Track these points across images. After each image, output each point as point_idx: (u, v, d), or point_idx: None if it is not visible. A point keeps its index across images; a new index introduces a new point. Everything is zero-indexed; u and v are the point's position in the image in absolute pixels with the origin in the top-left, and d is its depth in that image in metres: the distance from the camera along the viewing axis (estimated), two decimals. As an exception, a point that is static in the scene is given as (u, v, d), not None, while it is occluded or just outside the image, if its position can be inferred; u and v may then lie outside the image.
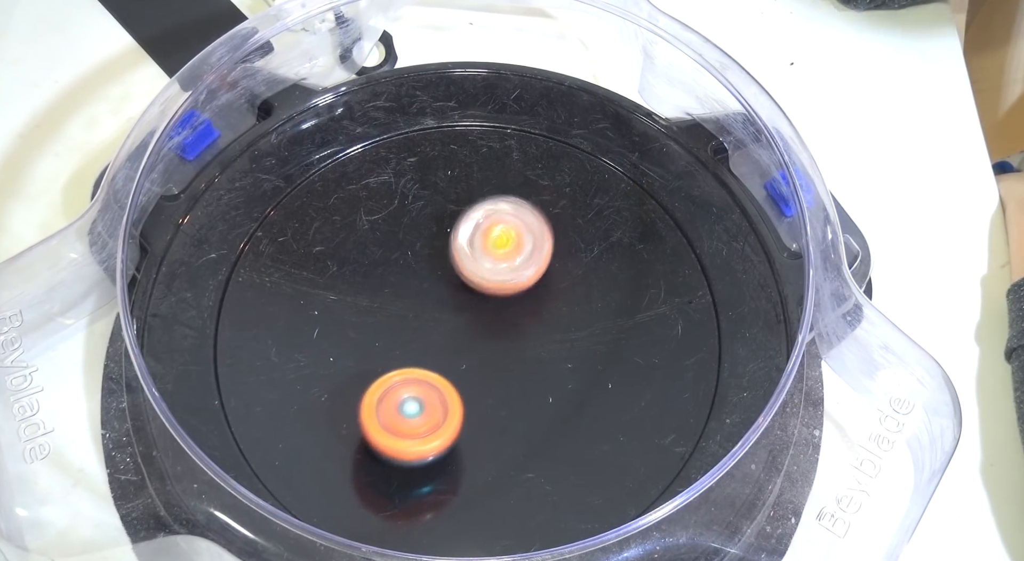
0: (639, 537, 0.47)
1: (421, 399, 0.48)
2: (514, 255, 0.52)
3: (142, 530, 0.48)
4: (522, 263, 0.52)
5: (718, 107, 0.58)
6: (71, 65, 0.65)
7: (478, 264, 0.52)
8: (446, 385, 0.48)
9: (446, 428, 0.47)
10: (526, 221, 0.53)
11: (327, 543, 0.43)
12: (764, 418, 0.46)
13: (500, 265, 0.52)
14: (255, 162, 0.58)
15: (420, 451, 0.47)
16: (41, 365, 0.50)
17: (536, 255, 0.53)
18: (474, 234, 0.53)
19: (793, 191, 0.52)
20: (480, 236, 0.53)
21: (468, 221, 0.53)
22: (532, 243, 0.53)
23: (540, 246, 0.53)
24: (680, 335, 0.53)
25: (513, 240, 0.53)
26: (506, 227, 0.53)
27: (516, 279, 0.52)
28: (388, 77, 0.62)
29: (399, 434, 0.47)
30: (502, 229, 0.53)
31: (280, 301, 0.54)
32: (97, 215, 0.52)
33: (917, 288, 0.60)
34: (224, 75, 0.56)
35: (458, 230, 0.53)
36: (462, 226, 0.53)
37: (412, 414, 0.47)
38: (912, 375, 0.50)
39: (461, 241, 0.53)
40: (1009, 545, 0.53)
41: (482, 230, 0.53)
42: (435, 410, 0.48)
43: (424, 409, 0.48)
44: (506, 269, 0.52)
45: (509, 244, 0.53)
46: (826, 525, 0.48)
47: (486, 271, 0.52)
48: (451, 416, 0.47)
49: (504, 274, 0.52)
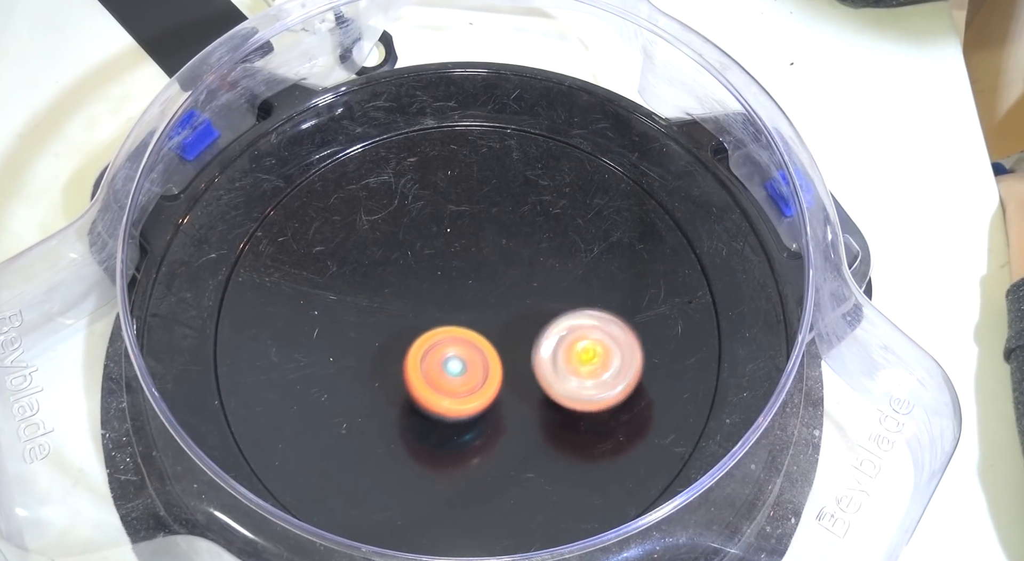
0: (639, 537, 0.47)
1: (464, 359, 0.50)
2: (601, 371, 0.50)
3: (142, 530, 0.48)
4: (612, 378, 0.50)
5: (718, 107, 0.58)
6: (71, 65, 0.65)
7: (563, 382, 0.50)
8: (489, 347, 0.50)
9: (486, 389, 0.49)
10: (612, 335, 0.50)
11: (327, 543, 0.43)
12: (764, 418, 0.46)
13: (586, 382, 0.50)
14: (255, 162, 0.58)
15: (460, 409, 0.49)
16: (41, 365, 0.50)
17: (625, 371, 0.50)
18: (557, 349, 0.50)
19: (793, 191, 0.52)
20: (564, 351, 0.50)
21: (552, 335, 0.51)
22: (620, 359, 0.50)
23: (630, 362, 0.50)
24: (680, 335, 0.53)
25: (600, 356, 0.50)
26: (591, 343, 0.50)
27: (604, 396, 0.50)
28: (388, 77, 0.62)
29: (441, 391, 0.49)
30: (587, 345, 0.50)
31: (280, 301, 0.54)
32: (97, 215, 0.52)
33: (917, 288, 0.60)
34: (224, 75, 0.56)
35: (541, 345, 0.50)
36: (544, 341, 0.50)
37: (455, 373, 0.50)
38: (912, 375, 0.50)
39: (544, 356, 0.50)
40: (1009, 545, 0.53)
41: (566, 345, 0.50)
42: (476, 371, 0.50)
43: (467, 369, 0.50)
44: (593, 386, 0.50)
45: (596, 360, 0.50)
46: (826, 525, 0.48)
47: (572, 389, 0.50)
48: (491, 378, 0.50)
49: (591, 390, 0.50)
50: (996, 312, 0.59)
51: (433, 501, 0.49)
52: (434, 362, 0.50)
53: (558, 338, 0.50)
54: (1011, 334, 0.56)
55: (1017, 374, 0.55)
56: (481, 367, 0.50)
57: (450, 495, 0.49)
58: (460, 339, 0.50)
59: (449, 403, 0.49)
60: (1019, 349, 0.55)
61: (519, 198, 0.58)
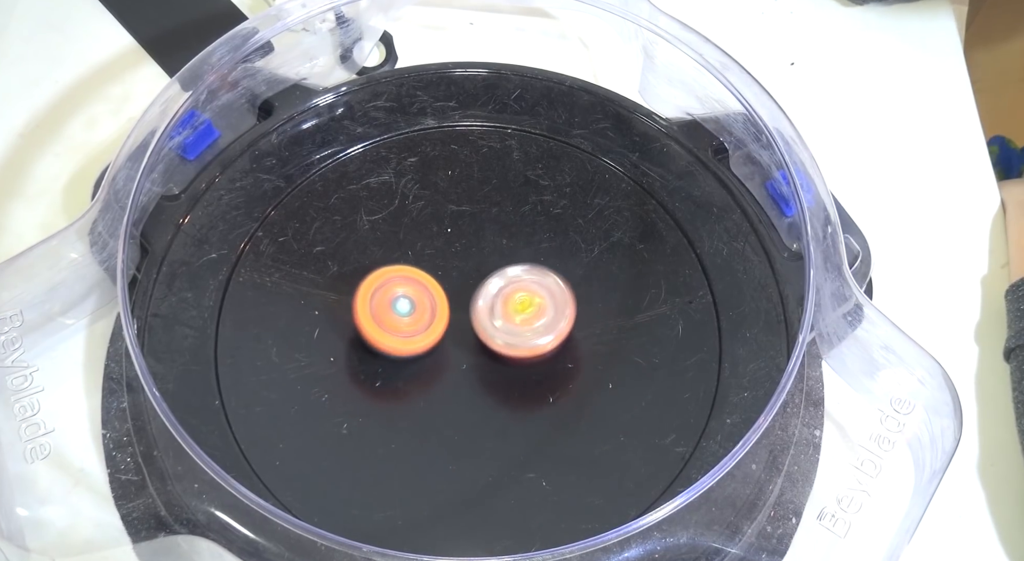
0: (639, 537, 0.47)
1: (412, 299, 0.52)
2: (534, 320, 0.51)
3: (143, 530, 0.48)
4: (543, 328, 0.51)
5: (718, 107, 0.58)
6: (71, 65, 0.65)
7: (497, 328, 0.51)
8: (435, 285, 0.52)
9: (433, 329, 0.52)
10: (548, 288, 0.52)
11: (328, 543, 0.43)
12: (765, 418, 0.46)
13: (520, 329, 0.51)
14: (255, 162, 0.58)
15: (408, 349, 0.51)
16: (42, 365, 0.50)
17: (557, 320, 0.51)
18: (495, 300, 0.52)
19: (793, 191, 0.52)
20: (501, 302, 0.52)
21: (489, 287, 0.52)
22: (554, 310, 0.52)
23: (562, 313, 0.51)
24: (680, 335, 0.53)
25: (535, 306, 0.52)
26: (528, 294, 0.52)
27: (536, 343, 0.51)
28: (388, 77, 0.62)
29: (389, 330, 0.51)
30: (523, 296, 0.52)
31: (280, 301, 0.54)
32: (97, 215, 0.52)
33: (917, 288, 0.60)
34: (224, 75, 0.56)
35: (478, 296, 0.52)
36: (482, 292, 0.52)
37: (403, 312, 0.52)
38: (913, 375, 0.50)
39: (482, 305, 0.52)
40: (1009, 545, 0.53)
41: (503, 296, 0.52)
42: (424, 311, 0.52)
43: (414, 309, 0.52)
44: (526, 332, 0.51)
45: (530, 309, 0.51)
46: (827, 525, 0.48)
47: (506, 335, 0.51)
48: (438, 318, 0.52)
49: (524, 337, 0.51)
50: (996, 312, 0.59)
51: (433, 501, 0.49)
52: (383, 301, 0.51)
53: (497, 289, 0.52)
54: (1010, 334, 0.56)
55: (1016, 374, 0.55)
56: (429, 308, 0.52)
57: (450, 495, 0.49)
58: (410, 279, 0.52)
59: (395, 342, 0.51)
60: (1018, 349, 0.55)
61: (520, 198, 0.58)
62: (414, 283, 0.52)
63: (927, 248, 0.62)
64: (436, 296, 0.52)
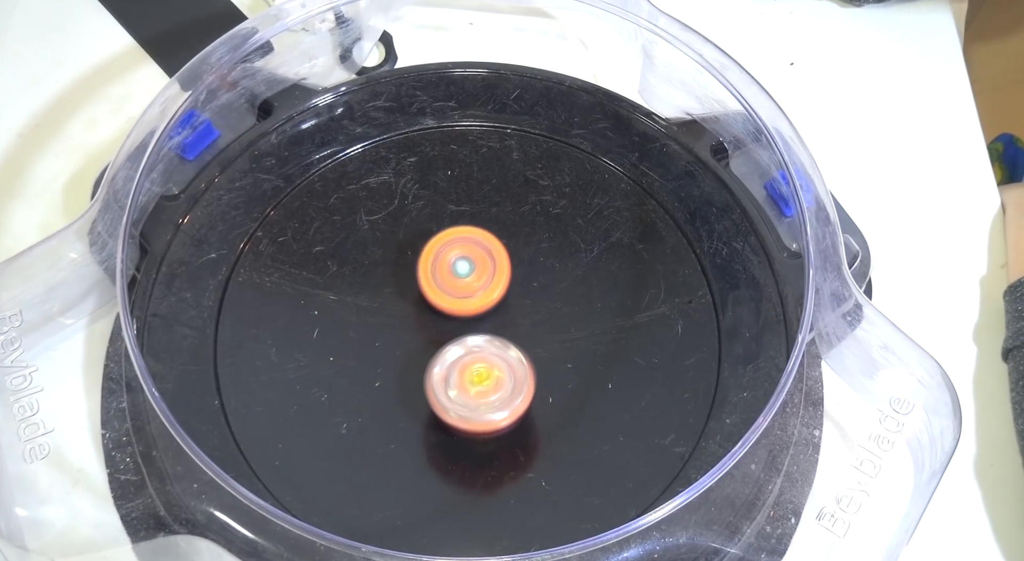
0: (639, 537, 0.47)
1: (471, 258, 0.52)
2: (490, 393, 0.49)
3: (142, 530, 0.48)
4: (499, 402, 0.49)
5: (718, 107, 0.58)
6: (71, 65, 0.65)
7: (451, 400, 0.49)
8: (493, 240, 0.53)
9: (496, 283, 0.52)
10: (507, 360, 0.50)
11: (327, 543, 0.43)
12: (764, 418, 0.46)
13: (474, 403, 0.48)
14: (255, 162, 0.58)
15: (475, 307, 0.52)
16: (41, 365, 0.50)
17: (512, 398, 0.49)
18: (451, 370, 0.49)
19: (793, 191, 0.52)
20: (458, 373, 0.49)
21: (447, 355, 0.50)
22: (512, 386, 0.49)
23: (520, 391, 0.49)
24: (680, 335, 0.53)
25: (492, 379, 0.49)
26: (486, 365, 0.49)
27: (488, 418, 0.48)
28: (388, 77, 0.62)
29: (453, 293, 0.52)
30: (480, 367, 0.49)
31: (280, 301, 0.54)
32: (97, 215, 0.52)
33: (917, 288, 0.60)
34: (224, 75, 0.56)
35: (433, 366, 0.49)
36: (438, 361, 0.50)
37: (463, 273, 0.52)
38: (912, 375, 0.50)
39: (437, 372, 0.49)
40: (1008, 545, 0.53)
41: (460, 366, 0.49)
42: (485, 267, 0.52)
43: (475, 267, 0.52)
44: (480, 407, 0.48)
45: (487, 382, 0.49)
46: (826, 525, 0.48)
47: (458, 407, 0.48)
48: (499, 270, 0.52)
49: (476, 411, 0.48)
50: (995, 312, 0.59)
51: (433, 501, 0.49)
52: (443, 264, 0.52)
53: (456, 357, 0.49)
54: (1008, 334, 0.56)
55: (1015, 374, 0.55)
56: (490, 265, 0.52)
57: (450, 495, 0.49)
58: (468, 239, 0.53)
59: (459, 302, 0.52)
60: (1016, 349, 0.55)
61: (519, 198, 0.58)
62: (472, 243, 0.53)
63: (926, 248, 0.62)
64: (495, 252, 0.53)
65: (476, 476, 0.50)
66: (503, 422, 0.48)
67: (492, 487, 0.49)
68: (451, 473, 0.50)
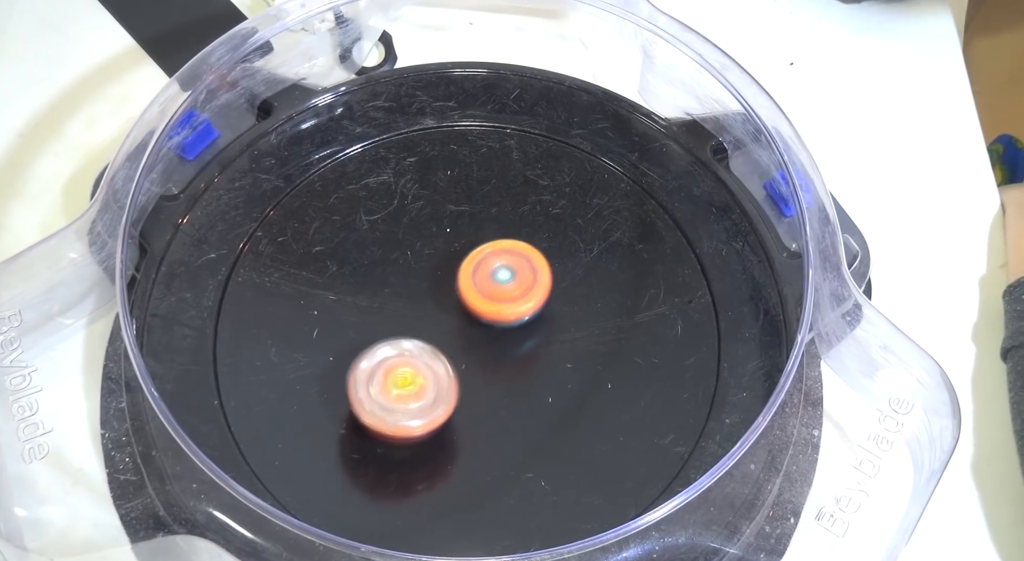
0: (638, 537, 0.47)
1: (512, 266, 0.53)
2: (412, 400, 0.48)
3: (141, 530, 0.48)
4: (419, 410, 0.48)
5: (718, 107, 0.58)
6: (71, 65, 0.65)
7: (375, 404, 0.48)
8: (534, 252, 0.53)
9: (537, 290, 0.52)
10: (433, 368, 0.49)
11: (327, 543, 0.43)
12: (763, 418, 0.46)
13: (395, 407, 0.48)
14: (255, 162, 0.58)
15: (517, 312, 0.52)
16: (40, 365, 0.50)
17: (435, 407, 0.48)
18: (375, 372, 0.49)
19: (793, 191, 0.52)
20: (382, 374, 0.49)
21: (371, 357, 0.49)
22: (435, 395, 0.49)
23: (444, 400, 0.49)
24: (680, 335, 0.53)
25: (417, 385, 0.49)
26: (412, 371, 0.49)
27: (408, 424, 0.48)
28: (388, 77, 0.62)
29: (495, 299, 0.52)
30: (406, 371, 0.49)
31: (280, 301, 0.54)
32: (96, 215, 0.52)
33: (917, 288, 0.60)
34: (224, 75, 0.56)
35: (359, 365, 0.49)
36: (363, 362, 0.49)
37: (505, 280, 0.53)
38: (911, 375, 0.50)
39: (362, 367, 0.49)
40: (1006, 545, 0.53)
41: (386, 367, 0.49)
42: (525, 275, 0.53)
43: (516, 275, 0.53)
44: (400, 413, 0.48)
45: (411, 388, 0.48)
46: (825, 525, 0.48)
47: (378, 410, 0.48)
48: (540, 278, 0.53)
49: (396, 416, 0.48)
50: (995, 312, 0.59)
51: (433, 501, 0.49)
52: (484, 274, 0.52)
53: (382, 358, 0.49)
54: (1007, 334, 0.56)
55: (1013, 374, 0.55)
56: (530, 272, 0.53)
57: (450, 495, 0.49)
58: (506, 250, 0.53)
59: (505, 308, 0.52)
60: (1015, 349, 0.55)
61: (519, 198, 0.58)
62: (511, 254, 0.53)
63: (926, 248, 0.62)
64: (536, 261, 0.53)
65: (476, 476, 0.50)
66: (417, 431, 0.48)
67: (492, 487, 0.49)
68: (451, 473, 0.50)
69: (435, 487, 0.50)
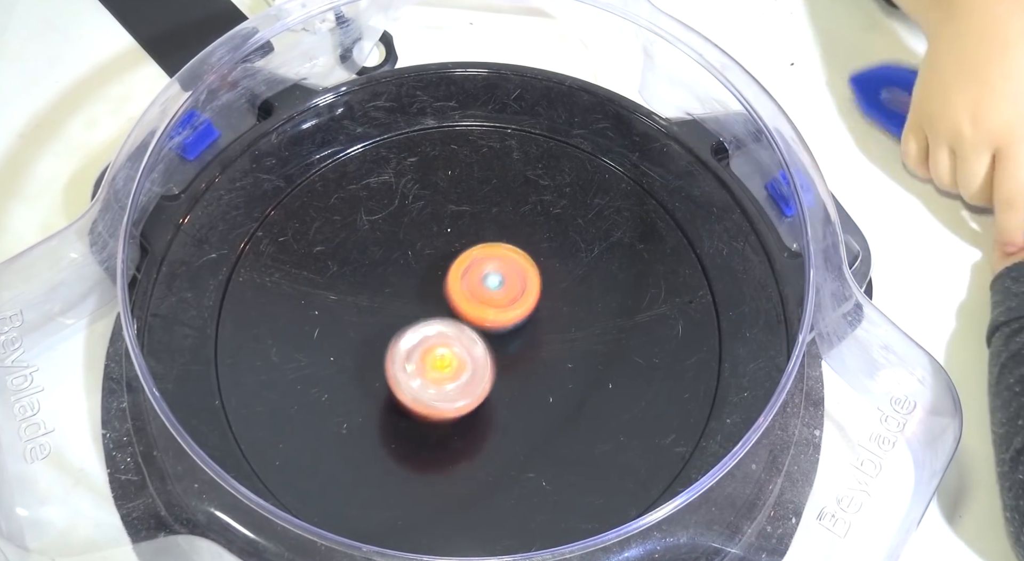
0: (639, 537, 0.47)
1: (502, 273, 0.52)
2: (448, 382, 0.49)
3: (143, 530, 0.48)
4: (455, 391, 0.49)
5: (718, 107, 0.58)
6: (71, 65, 0.65)
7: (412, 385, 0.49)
8: (525, 257, 0.53)
9: (525, 299, 0.52)
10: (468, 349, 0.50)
11: (328, 543, 0.43)
12: (765, 418, 0.46)
13: (431, 389, 0.49)
14: (255, 162, 0.58)
15: (503, 319, 0.52)
16: (42, 365, 0.50)
17: (472, 388, 0.49)
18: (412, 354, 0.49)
19: (793, 191, 0.52)
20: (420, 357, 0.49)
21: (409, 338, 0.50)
22: (471, 375, 0.49)
23: (480, 380, 0.49)
24: (680, 335, 0.53)
25: (452, 367, 0.49)
26: (449, 352, 0.50)
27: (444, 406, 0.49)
28: (388, 77, 0.62)
29: (484, 304, 0.52)
30: (444, 353, 0.49)
31: (280, 301, 0.54)
32: (97, 215, 0.52)
33: (917, 288, 0.60)
34: (224, 75, 0.56)
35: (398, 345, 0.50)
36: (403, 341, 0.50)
37: (494, 287, 0.52)
38: (913, 375, 0.50)
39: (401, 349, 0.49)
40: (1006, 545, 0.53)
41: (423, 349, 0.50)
42: (514, 282, 0.52)
43: (505, 282, 0.52)
44: (436, 394, 0.49)
45: (447, 370, 0.49)
46: (827, 525, 0.48)
47: (415, 390, 0.49)
48: (529, 288, 0.52)
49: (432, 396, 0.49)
50: (996, 312, 0.59)
51: (433, 501, 0.49)
52: (474, 278, 0.52)
53: (420, 339, 0.50)
54: (991, 317, 0.56)
55: (993, 357, 0.55)
56: (519, 279, 0.52)
57: (450, 495, 0.49)
58: (497, 255, 0.53)
59: (493, 314, 0.51)
60: (999, 327, 0.55)
61: (519, 198, 0.58)
62: (500, 258, 0.53)
63: (927, 248, 0.62)
64: (525, 266, 0.53)
65: (476, 476, 0.50)
66: (456, 412, 0.49)
67: (492, 487, 0.49)
68: (451, 473, 0.50)
69: (436, 487, 0.50)
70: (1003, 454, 0.51)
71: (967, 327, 0.59)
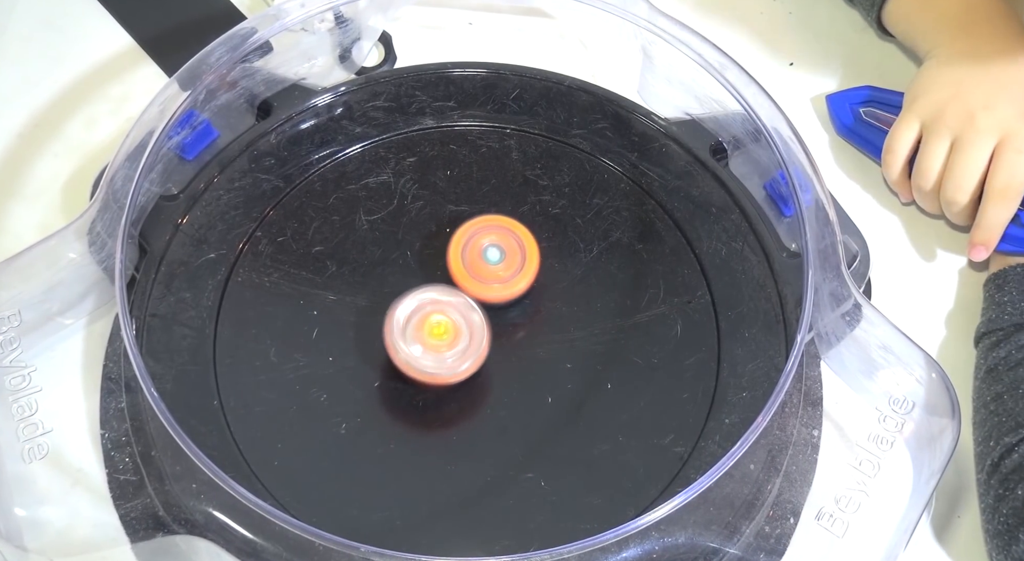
0: (638, 537, 0.47)
1: (502, 245, 0.53)
2: (446, 348, 0.50)
3: (141, 530, 0.48)
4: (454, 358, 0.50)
5: (717, 107, 0.58)
6: (71, 65, 0.65)
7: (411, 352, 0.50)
8: (522, 229, 0.53)
9: (526, 271, 0.53)
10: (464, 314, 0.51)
11: (326, 543, 0.43)
12: (763, 418, 0.46)
13: (429, 355, 0.50)
14: (254, 162, 0.58)
15: (507, 294, 0.53)
16: (40, 365, 0.50)
17: (470, 353, 0.50)
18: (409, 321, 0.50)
19: (792, 191, 0.52)
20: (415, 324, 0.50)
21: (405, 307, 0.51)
22: (468, 341, 0.50)
23: (477, 346, 0.50)
24: (679, 335, 0.53)
25: (449, 333, 0.50)
26: (446, 319, 0.51)
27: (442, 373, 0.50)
28: (387, 77, 0.62)
29: (484, 279, 0.52)
30: (439, 320, 0.51)
31: (279, 301, 0.54)
32: (96, 215, 0.52)
33: (917, 288, 0.60)
34: (223, 75, 0.56)
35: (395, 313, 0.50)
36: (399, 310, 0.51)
37: (495, 261, 0.53)
38: (911, 375, 0.50)
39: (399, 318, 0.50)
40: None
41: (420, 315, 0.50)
42: (514, 255, 0.53)
43: (505, 255, 0.53)
44: (434, 360, 0.50)
45: (445, 337, 0.50)
46: (825, 525, 0.48)
47: (413, 357, 0.50)
48: (529, 259, 0.53)
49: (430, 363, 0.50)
50: (995, 312, 0.59)
51: (433, 501, 0.49)
52: (474, 251, 0.53)
53: (416, 305, 0.51)
54: (980, 322, 0.56)
55: (976, 370, 0.55)
56: (519, 252, 0.53)
57: (450, 495, 0.49)
58: (497, 227, 0.53)
59: (495, 288, 0.52)
60: (985, 335, 0.55)
61: (519, 198, 0.58)
62: (501, 231, 0.53)
63: (926, 248, 0.62)
64: (523, 238, 0.53)
65: (475, 476, 0.50)
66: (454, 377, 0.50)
67: (491, 487, 0.49)
68: (451, 473, 0.50)
69: (435, 487, 0.50)
70: (979, 474, 0.52)
71: (966, 327, 0.59)
